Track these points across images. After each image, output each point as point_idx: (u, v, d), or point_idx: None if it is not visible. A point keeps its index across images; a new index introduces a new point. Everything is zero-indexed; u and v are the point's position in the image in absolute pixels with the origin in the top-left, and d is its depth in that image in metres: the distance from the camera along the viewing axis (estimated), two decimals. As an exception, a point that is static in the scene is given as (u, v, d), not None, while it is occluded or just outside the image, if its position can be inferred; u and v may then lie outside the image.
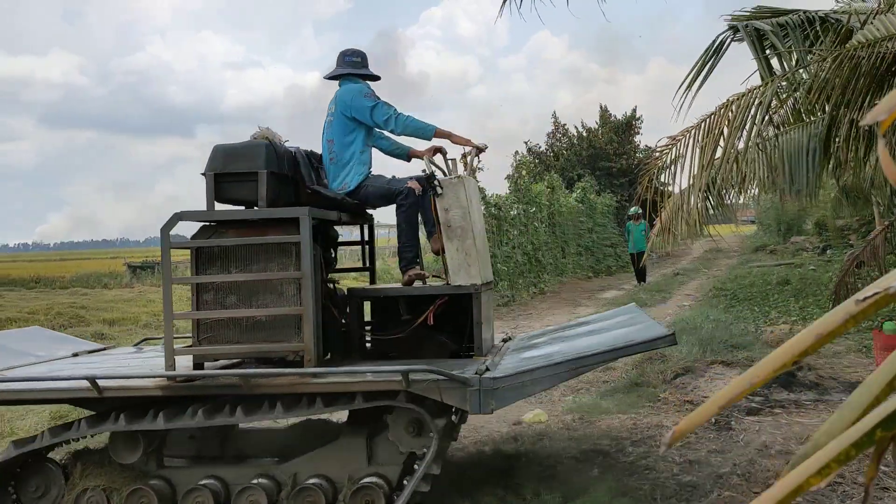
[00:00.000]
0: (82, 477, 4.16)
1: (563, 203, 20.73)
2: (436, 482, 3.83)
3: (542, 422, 6.34)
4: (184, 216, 4.07)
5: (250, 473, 4.13)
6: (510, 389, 3.67)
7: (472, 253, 4.41)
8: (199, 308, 4.10)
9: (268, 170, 4.17)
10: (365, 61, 4.87)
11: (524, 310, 15.01)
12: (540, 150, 31.40)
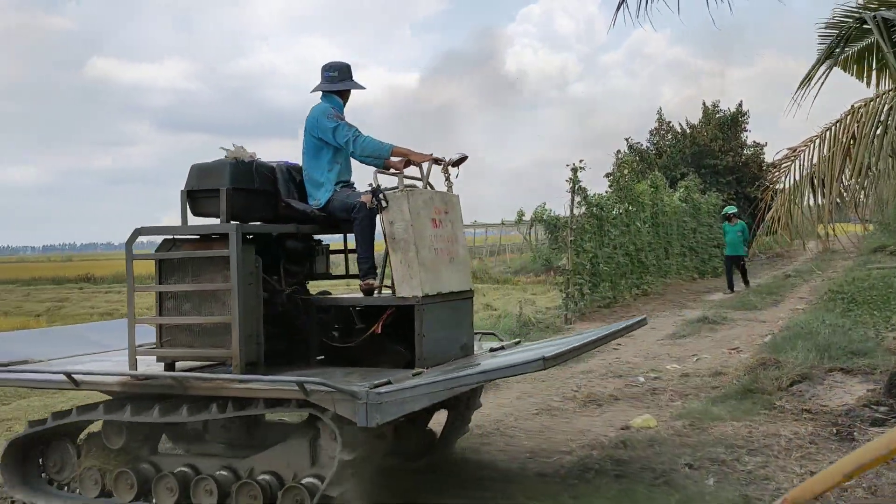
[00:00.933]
0: (86, 457, 4.65)
1: (666, 202, 20.20)
2: (544, 483, 3.81)
3: (651, 427, 6.19)
4: (143, 231, 4.46)
5: (217, 465, 4.38)
6: (393, 404, 3.71)
7: (414, 265, 4.44)
8: (162, 314, 4.45)
9: (232, 186, 4.46)
10: (343, 74, 5.02)
11: (626, 311, 14.71)
12: (642, 148, 30.71)
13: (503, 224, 36.55)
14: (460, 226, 5.00)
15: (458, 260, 4.84)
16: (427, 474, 5.12)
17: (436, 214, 4.68)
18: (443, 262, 4.67)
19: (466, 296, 4.93)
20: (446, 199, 4.88)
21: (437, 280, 4.58)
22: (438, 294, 4.58)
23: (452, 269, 4.75)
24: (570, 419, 6.68)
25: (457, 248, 4.85)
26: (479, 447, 5.72)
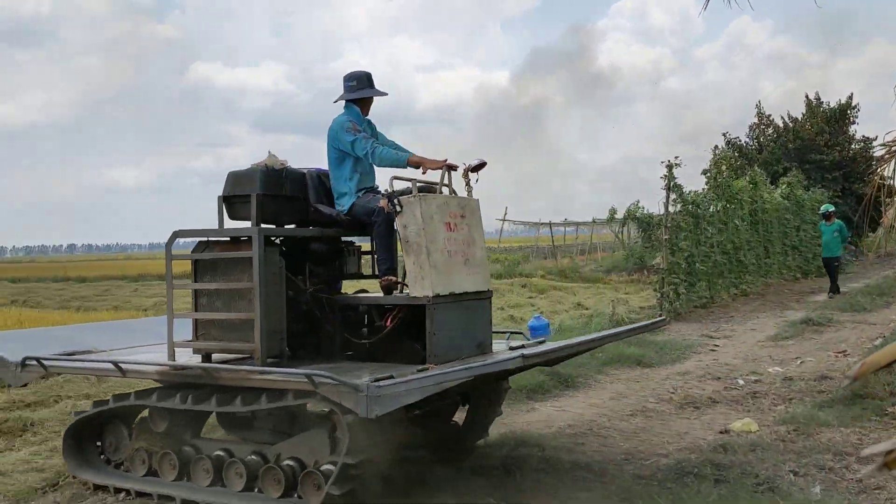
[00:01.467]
0: (137, 439, 5.05)
1: (766, 199, 19.47)
2: (642, 485, 3.72)
3: (753, 431, 5.98)
4: (180, 233, 4.87)
5: (249, 450, 4.67)
6: (389, 397, 3.84)
7: (425, 267, 4.62)
8: (197, 310, 4.82)
9: (262, 192, 4.80)
10: (362, 83, 5.26)
11: (724, 311, 14.28)
12: (740, 143, 29.69)
13: (594, 222, 36.06)
14: (479, 229, 5.16)
15: (474, 262, 5.00)
16: (519, 472, 5.09)
17: (450, 218, 4.87)
18: (456, 264, 4.85)
19: (483, 296, 5.08)
20: (463, 204, 5.06)
21: (450, 281, 4.76)
22: (451, 294, 4.75)
23: (467, 270, 4.92)
24: (666, 421, 6.52)
25: (473, 251, 5.02)
26: (573, 447, 5.65)
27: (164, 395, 4.77)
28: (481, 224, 5.17)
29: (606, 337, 5.49)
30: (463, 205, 5.04)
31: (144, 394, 4.92)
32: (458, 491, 4.80)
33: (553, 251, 35.33)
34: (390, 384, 3.87)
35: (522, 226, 38.93)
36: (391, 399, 3.84)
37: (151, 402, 4.81)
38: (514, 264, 27.08)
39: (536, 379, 7.74)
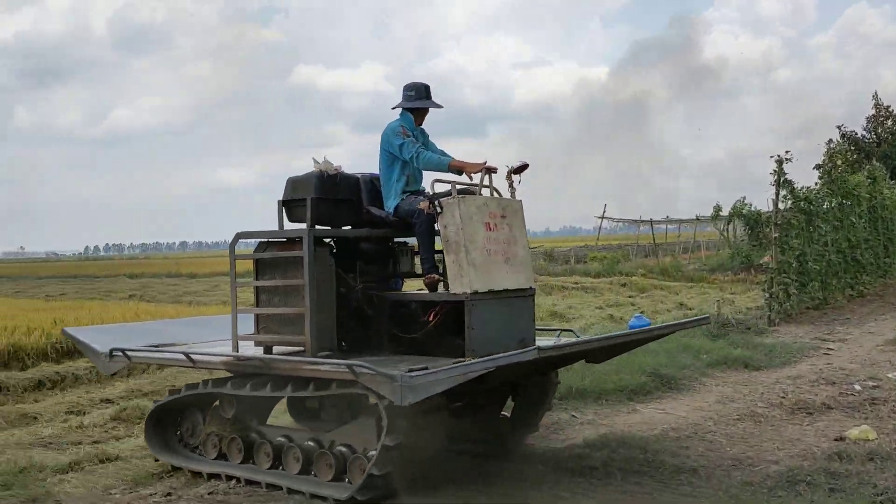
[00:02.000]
0: (209, 424, 5.44)
1: (886, 195, 18.41)
2: (751, 492, 3.59)
3: (871, 439, 5.68)
4: (243, 235, 5.26)
5: (307, 437, 4.98)
6: (421, 387, 4.07)
7: (464, 265, 4.81)
8: (258, 306, 5.20)
9: (317, 196, 5.12)
10: (420, 94, 5.50)
11: (839, 313, 13.59)
12: (857, 136, 28.20)
13: (698, 220, 34.96)
14: (522, 229, 5.27)
15: (515, 261, 5.14)
16: (620, 473, 4.99)
17: (490, 219, 5.03)
18: (496, 262, 5.00)
19: (525, 294, 5.22)
20: (505, 205, 5.20)
21: (489, 279, 4.92)
22: (490, 291, 4.90)
23: (508, 269, 5.07)
24: (776, 427, 6.26)
25: (515, 250, 5.15)
26: (677, 451, 5.50)
27: (225, 384, 5.16)
28: (524, 224, 5.31)
29: (637, 334, 5.44)
30: (504, 206, 5.19)
31: (214, 383, 5.29)
32: (557, 490, 4.76)
33: (654, 249, 34.50)
34: (420, 375, 4.12)
35: (622, 223, 38.21)
36: (422, 388, 4.09)
37: (216, 390, 5.21)
38: (614, 262, 26.61)
39: (638, 380, 7.60)
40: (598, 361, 6.23)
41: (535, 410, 5.85)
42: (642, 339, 5.57)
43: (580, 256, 33.35)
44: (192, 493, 4.98)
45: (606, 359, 6.11)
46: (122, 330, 7.48)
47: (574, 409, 6.96)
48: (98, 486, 5.39)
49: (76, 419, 7.67)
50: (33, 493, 5.08)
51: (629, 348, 6.14)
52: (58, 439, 6.85)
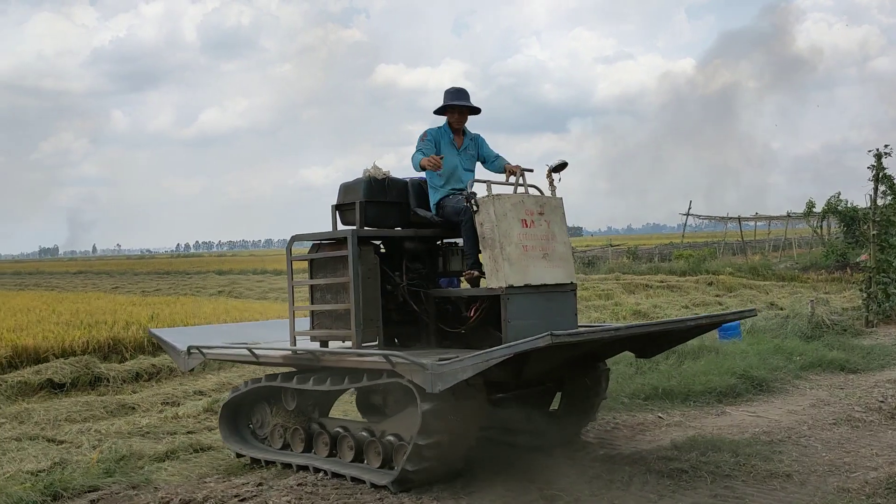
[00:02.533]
0: (275, 416, 5.81)
1: None
2: (848, 499, 3.43)
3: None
4: (298, 237, 5.66)
5: (361, 427, 5.30)
6: (448, 374, 4.32)
7: (499, 260, 5.01)
8: (313, 303, 5.53)
9: (365, 200, 5.45)
10: (446, 99, 5.77)
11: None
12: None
13: (789, 216, 33.81)
14: (561, 226, 5.42)
15: (554, 256, 5.29)
16: (710, 476, 4.88)
17: (527, 215, 5.21)
18: (533, 257, 5.17)
19: (566, 288, 5.36)
20: (542, 202, 5.37)
21: (526, 273, 5.09)
22: (526, 285, 5.08)
23: (546, 263, 5.23)
24: (874, 432, 6.00)
25: (553, 246, 5.31)
26: (770, 455, 5.33)
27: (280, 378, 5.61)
28: (564, 221, 5.45)
29: (670, 324, 5.19)
30: (542, 203, 5.36)
31: (272, 377, 5.73)
32: (644, 492, 4.69)
33: (743, 247, 33.53)
34: (448, 363, 4.37)
35: (708, 220, 37.28)
36: (449, 376, 4.32)
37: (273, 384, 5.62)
38: (700, 260, 25.97)
39: (727, 382, 7.40)
40: (647, 356, 6.09)
41: (585, 402, 5.86)
42: (676, 331, 5.28)
43: (665, 254, 32.71)
44: (281, 483, 5.12)
45: (655, 352, 5.91)
46: (202, 331, 8.03)
47: (660, 411, 6.84)
48: (193, 475, 5.60)
49: (171, 410, 7.99)
50: (134, 480, 5.32)
51: (673, 341, 5.84)
52: (154, 429, 7.15)
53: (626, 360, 8.34)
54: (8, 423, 7.53)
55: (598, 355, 5.60)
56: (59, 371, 9.46)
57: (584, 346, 4.86)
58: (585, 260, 31.71)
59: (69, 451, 6.49)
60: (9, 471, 5.71)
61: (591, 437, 6.07)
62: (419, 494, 4.78)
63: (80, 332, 11.89)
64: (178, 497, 4.90)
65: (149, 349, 11.75)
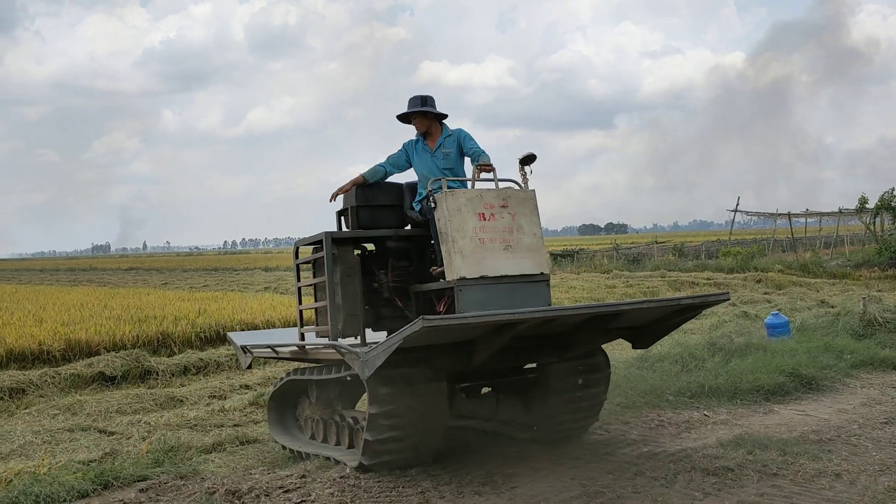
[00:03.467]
0: (309, 407, 6.17)
1: None
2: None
3: None
4: (299, 242, 6.04)
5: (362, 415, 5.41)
6: (369, 362, 4.52)
7: (452, 253, 5.14)
8: (317, 300, 5.84)
9: (357, 205, 5.78)
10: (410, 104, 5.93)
11: None
12: None
13: (841, 212, 32.99)
14: (530, 217, 5.38)
15: (519, 247, 5.30)
16: (757, 475, 4.80)
17: (485, 209, 5.26)
18: (492, 249, 5.22)
19: (534, 279, 5.32)
20: (506, 195, 5.35)
21: (481, 265, 5.15)
22: (482, 277, 5.13)
23: (508, 255, 5.25)
24: (929, 432, 5.83)
25: (519, 237, 5.32)
26: (818, 454, 5.22)
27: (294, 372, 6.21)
28: (535, 213, 5.41)
29: (630, 304, 5.12)
30: (505, 196, 5.35)
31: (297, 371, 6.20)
32: (689, 489, 4.63)
33: (792, 244, 32.84)
34: (368, 350, 4.58)
35: (756, 217, 36.59)
36: (370, 363, 4.53)
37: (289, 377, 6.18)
38: (748, 258, 25.52)
39: (776, 380, 7.27)
40: (644, 346, 5.83)
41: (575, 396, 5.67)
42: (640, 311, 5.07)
43: (711, 252, 32.22)
44: (324, 476, 5.17)
45: (652, 341, 5.72)
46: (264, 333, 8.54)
47: (706, 408, 6.74)
48: (239, 466, 5.70)
49: (218, 403, 8.13)
50: (182, 471, 5.42)
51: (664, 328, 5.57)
52: (202, 421, 7.29)
53: (672, 357, 8.25)
54: (61, 415, 7.75)
55: (565, 342, 5.33)
56: (110, 364, 9.71)
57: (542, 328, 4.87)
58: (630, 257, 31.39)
59: (120, 441, 6.66)
60: (62, 460, 5.87)
61: (635, 435, 6.01)
62: (460, 488, 4.80)
63: (131, 327, 12.18)
64: (224, 487, 4.98)
65: (196, 344, 11.98)
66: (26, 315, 14.59)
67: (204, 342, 12.10)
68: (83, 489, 4.99)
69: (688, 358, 8.20)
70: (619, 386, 7.28)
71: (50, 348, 10.79)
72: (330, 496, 4.77)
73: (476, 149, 5.78)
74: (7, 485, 5.15)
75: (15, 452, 6.41)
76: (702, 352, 8.43)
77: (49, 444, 6.63)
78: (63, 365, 10.02)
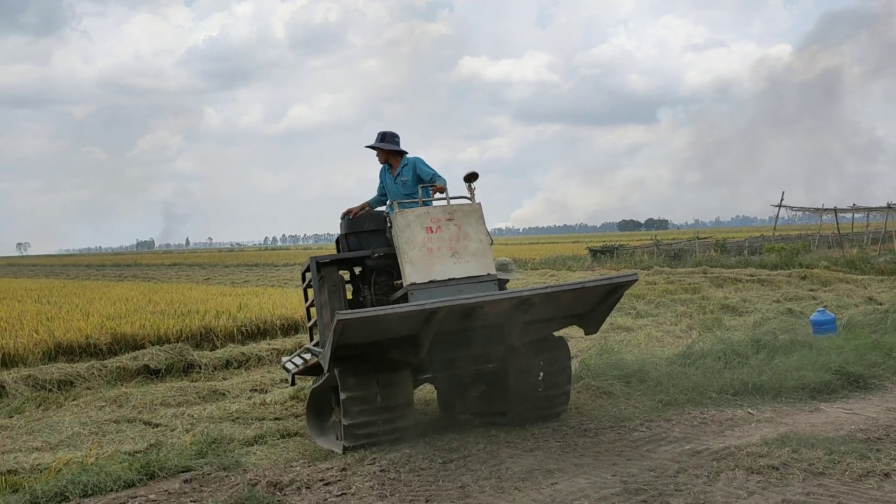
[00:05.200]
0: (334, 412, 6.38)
1: None
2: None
3: None
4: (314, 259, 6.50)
5: None
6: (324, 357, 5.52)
7: (403, 263, 5.93)
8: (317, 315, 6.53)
9: (345, 233, 6.62)
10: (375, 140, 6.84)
11: None
12: None
13: (889, 208, 32.20)
14: (476, 227, 6.08)
15: (465, 253, 5.99)
16: (802, 473, 4.71)
17: (432, 223, 6.00)
18: (440, 257, 5.93)
19: (481, 279, 5.96)
20: (453, 210, 6.10)
21: (429, 271, 5.88)
22: (431, 281, 5.86)
23: (454, 260, 5.96)
24: (984, 433, 5.66)
25: (465, 244, 6.01)
26: (866, 453, 5.09)
27: None
28: (480, 222, 6.10)
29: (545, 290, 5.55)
30: (452, 210, 6.09)
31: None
32: (731, 488, 4.56)
33: (839, 240, 32.14)
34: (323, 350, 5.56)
35: (801, 212, 35.89)
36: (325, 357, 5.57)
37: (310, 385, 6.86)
38: (793, 254, 25.03)
39: (822, 377, 7.12)
40: (592, 332, 6.36)
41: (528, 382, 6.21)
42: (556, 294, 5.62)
43: (755, 248, 31.67)
44: (365, 469, 5.21)
45: (596, 327, 6.30)
46: None
47: (750, 406, 6.62)
48: (280, 459, 5.76)
49: (259, 397, 8.23)
50: (225, 463, 5.50)
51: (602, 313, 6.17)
52: (244, 414, 7.38)
53: (714, 354, 8.13)
54: (108, 406, 7.91)
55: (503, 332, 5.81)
56: (154, 357, 9.89)
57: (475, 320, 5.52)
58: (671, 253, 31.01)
59: (164, 433, 6.77)
60: (108, 451, 6.00)
61: (677, 432, 5.94)
62: (500, 483, 4.79)
63: (174, 321, 12.38)
64: (265, 479, 5.05)
65: (238, 338, 12.13)
66: (74, 309, 14.92)
67: (245, 336, 12.25)
68: (129, 479, 5.10)
69: (731, 355, 8.07)
70: (661, 383, 7.21)
71: (97, 341, 11.02)
72: (370, 489, 4.80)
73: (430, 173, 6.54)
74: (56, 474, 5.28)
75: (63, 443, 6.57)
76: (745, 348, 8.30)
77: (96, 434, 6.78)
78: (109, 358, 10.23)
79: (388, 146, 6.74)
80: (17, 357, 10.16)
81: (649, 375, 7.45)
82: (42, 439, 6.69)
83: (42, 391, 8.72)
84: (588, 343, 9.97)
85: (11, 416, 7.78)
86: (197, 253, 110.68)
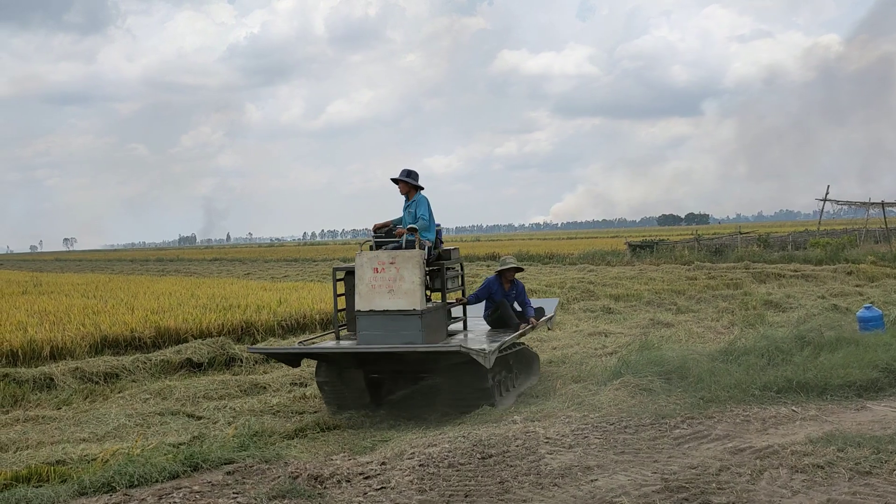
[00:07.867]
0: None
1: None
2: None
3: None
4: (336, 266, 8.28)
5: None
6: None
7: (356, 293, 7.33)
8: None
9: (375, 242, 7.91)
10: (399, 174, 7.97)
11: None
12: None
13: (939, 201, 31.35)
14: (412, 270, 7.22)
15: (399, 291, 7.23)
16: (848, 472, 4.61)
17: (378, 265, 7.29)
18: (380, 292, 7.26)
19: (409, 313, 7.19)
20: (394, 255, 7.33)
21: (371, 302, 7.26)
22: (371, 310, 7.25)
23: (390, 296, 7.24)
24: None
25: (400, 284, 7.24)
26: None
27: None
28: (417, 267, 7.21)
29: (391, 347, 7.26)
30: (395, 256, 7.32)
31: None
32: (775, 486, 4.49)
33: (886, 234, 31.40)
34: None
35: (846, 206, 35.14)
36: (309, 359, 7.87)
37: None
38: (838, 249, 24.54)
39: (869, 375, 6.97)
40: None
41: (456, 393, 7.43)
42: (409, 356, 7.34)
43: (799, 242, 31.10)
44: (404, 463, 5.23)
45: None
46: None
47: (794, 404, 6.51)
48: (320, 452, 5.82)
49: (299, 391, 8.32)
50: (266, 455, 5.57)
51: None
52: (284, 408, 7.47)
53: (757, 351, 8.00)
54: (152, 399, 8.07)
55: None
56: (197, 351, 10.05)
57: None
58: (712, 248, 30.59)
59: (207, 425, 6.89)
60: (153, 442, 6.11)
61: (719, 430, 5.86)
62: (539, 479, 4.78)
63: (216, 315, 12.56)
64: (306, 472, 5.10)
65: (279, 332, 12.26)
66: (119, 303, 15.24)
67: (285, 331, 12.38)
68: (174, 470, 5.19)
69: (774, 352, 7.93)
70: (702, 380, 7.11)
71: (141, 335, 11.24)
72: (409, 483, 4.82)
73: (417, 216, 7.66)
74: (103, 464, 5.40)
75: (110, 434, 6.72)
76: (789, 345, 8.15)
77: (141, 426, 6.92)
78: (153, 351, 10.42)
79: (404, 180, 7.90)
80: (64, 350, 10.41)
81: (690, 372, 7.35)
82: (89, 430, 6.84)
83: (89, 383, 8.93)
84: (627, 339, 9.88)
85: (59, 408, 7.98)
86: (237, 248, 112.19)
